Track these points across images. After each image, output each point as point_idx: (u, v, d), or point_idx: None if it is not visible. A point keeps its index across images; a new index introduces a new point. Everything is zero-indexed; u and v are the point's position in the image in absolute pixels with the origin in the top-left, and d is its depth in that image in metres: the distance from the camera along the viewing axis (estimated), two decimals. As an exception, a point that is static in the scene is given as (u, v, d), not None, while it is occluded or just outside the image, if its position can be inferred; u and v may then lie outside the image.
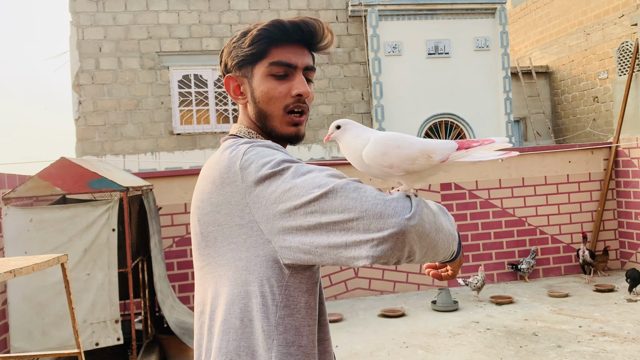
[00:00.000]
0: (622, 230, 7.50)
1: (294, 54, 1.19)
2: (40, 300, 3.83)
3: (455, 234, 1.10)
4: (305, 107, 1.20)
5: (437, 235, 0.99)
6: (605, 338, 4.85)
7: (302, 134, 1.22)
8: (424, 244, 0.96)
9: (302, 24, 1.17)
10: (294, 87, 1.18)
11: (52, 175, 3.92)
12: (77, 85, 8.42)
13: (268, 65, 1.18)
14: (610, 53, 10.09)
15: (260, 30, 1.17)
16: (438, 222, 1.01)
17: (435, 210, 1.03)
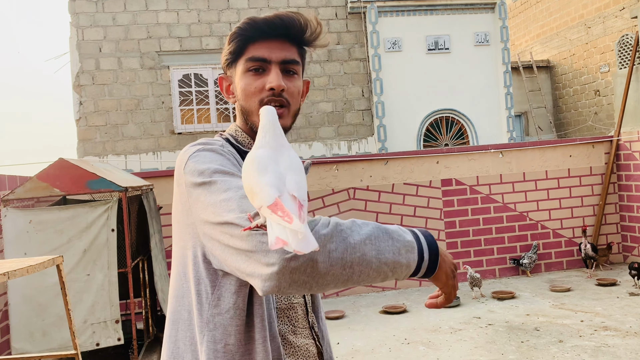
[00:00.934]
0: (624, 224, 7.47)
1: (270, 48, 1.20)
2: (41, 301, 3.85)
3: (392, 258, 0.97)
4: (282, 100, 1.19)
5: (347, 268, 0.94)
6: (607, 332, 4.84)
7: (283, 127, 1.17)
8: (329, 275, 0.93)
9: (275, 19, 1.18)
10: (267, 81, 1.19)
11: (50, 177, 3.93)
12: (77, 85, 8.43)
13: (245, 61, 1.21)
14: (611, 46, 10.05)
15: (236, 29, 1.20)
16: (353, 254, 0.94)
17: (353, 242, 0.95)
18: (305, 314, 1.24)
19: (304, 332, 1.22)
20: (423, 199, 7.03)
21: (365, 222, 1.00)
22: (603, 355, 4.30)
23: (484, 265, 7.17)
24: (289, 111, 1.22)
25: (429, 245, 1.02)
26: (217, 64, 8.70)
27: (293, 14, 1.19)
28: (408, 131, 8.97)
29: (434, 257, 1.02)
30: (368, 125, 9.01)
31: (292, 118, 1.24)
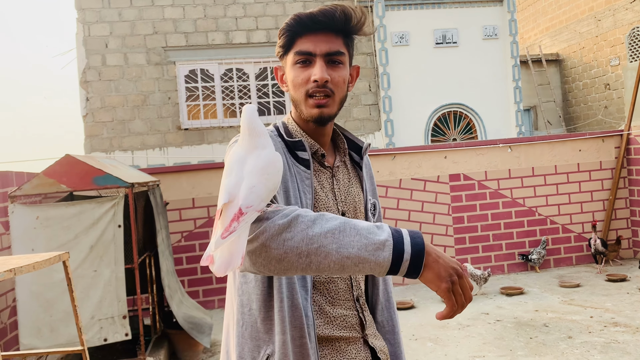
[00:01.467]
0: (635, 219, 7.40)
1: (314, 42, 1.29)
2: (48, 297, 3.85)
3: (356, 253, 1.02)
4: (326, 91, 1.29)
5: (303, 257, 1.03)
6: (617, 328, 4.79)
7: (325, 116, 1.31)
8: (285, 262, 1.03)
9: (318, 14, 1.27)
10: (312, 74, 1.28)
11: (57, 173, 3.92)
12: (84, 81, 8.44)
13: (293, 55, 1.31)
14: (621, 39, 9.93)
15: (284, 25, 1.31)
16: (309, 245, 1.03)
17: (312, 234, 1.03)
18: (350, 287, 1.36)
19: (346, 304, 1.34)
20: (431, 194, 6.99)
21: (334, 217, 1.06)
22: (613, 352, 4.26)
23: (492, 260, 7.13)
24: (334, 100, 1.32)
25: (413, 245, 1.04)
26: (224, 59, 8.69)
27: (335, 7, 1.28)
28: (415, 126, 8.91)
29: (417, 257, 1.03)
30: (375, 120, 8.96)
31: (338, 105, 1.33)
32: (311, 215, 1.06)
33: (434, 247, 1.07)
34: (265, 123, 7.42)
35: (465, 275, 1.07)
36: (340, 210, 1.38)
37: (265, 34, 8.76)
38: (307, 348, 1.22)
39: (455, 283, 1.04)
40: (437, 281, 1.04)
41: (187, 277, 6.45)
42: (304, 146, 1.33)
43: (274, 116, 8.77)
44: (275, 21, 8.78)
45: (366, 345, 1.36)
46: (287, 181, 1.27)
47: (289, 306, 1.22)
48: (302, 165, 1.32)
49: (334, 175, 1.40)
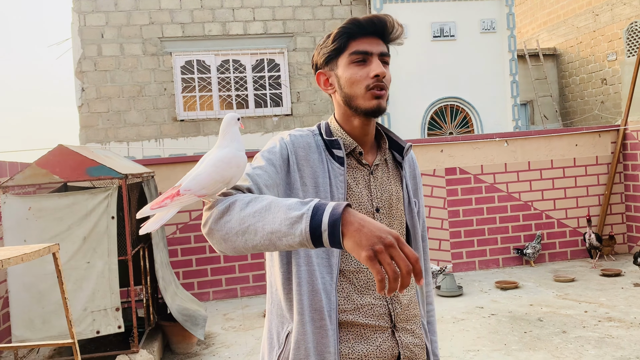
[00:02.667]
0: (630, 214, 7.41)
1: (369, 43, 1.42)
2: (40, 288, 3.83)
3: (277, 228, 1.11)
4: (384, 85, 1.42)
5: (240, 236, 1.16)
6: (611, 323, 4.80)
7: (383, 107, 1.43)
8: (230, 241, 1.18)
9: (374, 19, 1.41)
10: (372, 70, 1.40)
11: (50, 163, 3.89)
12: (79, 72, 8.38)
13: (349, 55, 1.43)
14: (619, 34, 9.91)
15: (340, 28, 1.43)
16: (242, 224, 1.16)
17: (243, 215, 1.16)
18: None
19: (375, 294, 1.41)
20: (427, 187, 6.98)
21: (266, 198, 1.17)
22: (607, 346, 4.27)
23: (487, 254, 7.13)
24: (386, 95, 1.44)
25: (330, 216, 1.07)
26: (220, 50, 8.63)
27: (385, 16, 1.43)
28: (412, 119, 8.89)
29: (333, 227, 1.06)
30: (372, 113, 8.94)
31: (386, 100, 1.46)
32: (247, 198, 1.19)
33: (362, 217, 1.06)
34: (262, 115, 7.35)
35: (402, 245, 1.03)
36: (375, 206, 1.47)
37: (262, 25, 8.70)
38: (327, 329, 1.35)
39: (380, 252, 1.01)
40: (357, 249, 1.03)
41: (181, 269, 6.44)
42: (340, 145, 1.46)
43: (270, 108, 8.72)
44: (272, 12, 8.73)
45: (394, 337, 1.42)
46: (317, 177, 1.42)
47: (308, 290, 1.36)
48: (337, 162, 1.45)
49: (372, 173, 1.50)
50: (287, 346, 1.38)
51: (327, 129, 1.50)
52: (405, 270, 1.01)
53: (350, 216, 1.07)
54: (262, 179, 1.33)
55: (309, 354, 1.34)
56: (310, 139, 1.47)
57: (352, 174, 1.47)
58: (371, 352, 1.39)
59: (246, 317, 5.75)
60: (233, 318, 5.75)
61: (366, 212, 1.45)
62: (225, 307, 6.19)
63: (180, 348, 4.77)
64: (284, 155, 1.41)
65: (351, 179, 1.46)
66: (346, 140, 1.48)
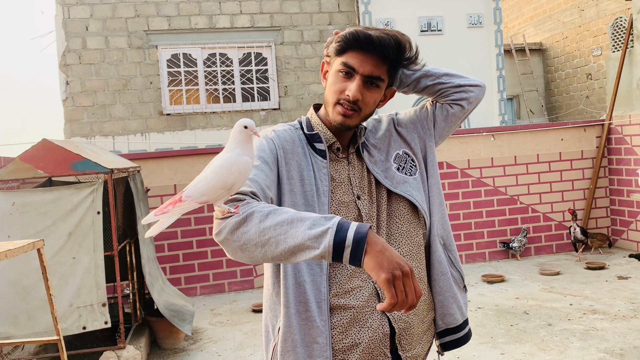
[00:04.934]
0: (614, 207, 7.49)
1: (362, 61, 1.40)
2: (25, 284, 3.78)
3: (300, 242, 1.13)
4: (354, 107, 1.42)
5: (259, 247, 1.18)
6: (595, 316, 4.86)
7: (347, 125, 1.44)
8: (247, 250, 1.19)
9: (375, 37, 1.38)
10: (347, 88, 1.41)
11: (34, 158, 3.84)
12: (63, 65, 8.27)
13: (340, 63, 1.43)
14: (604, 29, 9.98)
15: (344, 33, 1.42)
16: (262, 236, 1.17)
17: (263, 227, 1.17)
18: None
19: (362, 276, 1.44)
20: (414, 182, 6.99)
21: (287, 211, 1.18)
22: (591, 339, 4.32)
23: (474, 248, 7.18)
24: (359, 115, 1.45)
25: (356, 234, 1.10)
26: (207, 43, 8.56)
27: (391, 38, 1.39)
28: (399, 114, 8.89)
29: (358, 245, 1.10)
30: (359, 108, 8.93)
31: (361, 119, 1.47)
32: (266, 210, 1.19)
33: (384, 242, 1.12)
34: (249, 109, 7.30)
35: (414, 278, 1.10)
36: (356, 194, 1.50)
37: (249, 18, 8.65)
38: (313, 321, 1.38)
39: (397, 277, 1.08)
40: (377, 269, 1.08)
41: (168, 264, 6.40)
42: (321, 138, 1.49)
43: (258, 102, 8.68)
44: (259, 5, 8.67)
45: (384, 314, 1.45)
46: (302, 170, 1.44)
47: (293, 283, 1.39)
48: (319, 156, 1.48)
49: (349, 163, 1.53)
50: (278, 339, 1.42)
51: (307, 124, 1.53)
52: (410, 302, 1.09)
53: (375, 237, 1.12)
54: (261, 179, 1.35)
55: (296, 346, 1.38)
56: (293, 133, 1.50)
57: (334, 166, 1.51)
58: (364, 334, 1.42)
59: (234, 312, 5.73)
60: (221, 313, 5.74)
61: (349, 201, 1.48)
62: (212, 302, 6.17)
63: (168, 343, 4.75)
64: (273, 151, 1.43)
65: (333, 171, 1.50)
66: (326, 134, 1.51)
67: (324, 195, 1.44)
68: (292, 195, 1.42)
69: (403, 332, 1.48)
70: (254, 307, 5.72)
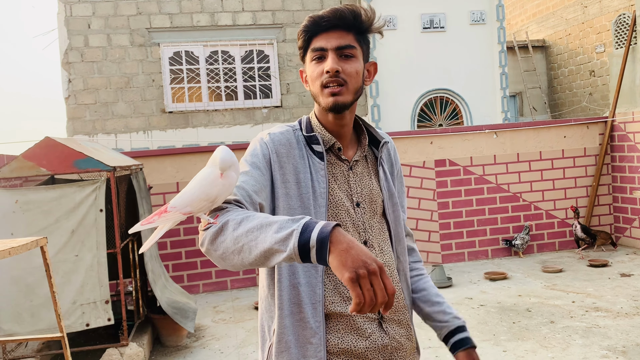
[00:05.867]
0: (617, 205, 7.47)
1: (327, 39, 1.42)
2: (29, 282, 3.80)
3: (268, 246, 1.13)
4: (339, 80, 1.41)
5: (236, 255, 1.18)
6: (598, 313, 4.85)
7: (340, 103, 1.42)
8: (228, 259, 1.20)
9: (330, 12, 1.41)
10: (325, 66, 1.41)
11: (37, 156, 3.84)
12: (66, 63, 8.27)
13: (309, 53, 1.45)
14: (607, 26, 9.95)
15: (301, 26, 1.45)
16: (237, 244, 1.18)
17: (236, 235, 1.18)
18: None
19: None
20: (416, 179, 7.00)
21: (258, 216, 1.19)
22: (594, 336, 4.31)
23: (476, 246, 7.17)
24: (347, 89, 1.43)
25: (319, 234, 1.08)
26: (209, 41, 8.56)
27: (346, 7, 1.42)
28: (402, 111, 8.88)
29: (321, 245, 1.08)
30: (362, 105, 8.92)
31: (352, 95, 1.45)
32: (239, 217, 1.20)
33: (351, 239, 1.08)
34: (251, 107, 7.29)
35: (383, 275, 1.05)
36: (355, 201, 1.49)
37: (251, 15, 8.64)
38: (307, 322, 1.38)
39: (361, 276, 1.03)
40: (341, 268, 1.05)
41: (171, 262, 6.41)
42: (318, 140, 1.47)
43: (260, 99, 8.68)
44: (262, 3, 8.66)
45: (381, 327, 1.45)
46: (299, 172, 1.43)
47: (288, 285, 1.39)
48: (317, 157, 1.46)
49: (351, 168, 1.51)
50: (273, 339, 1.43)
51: (307, 125, 1.52)
52: (380, 300, 1.03)
53: (340, 236, 1.08)
54: (249, 185, 1.35)
55: (290, 346, 1.39)
56: (290, 135, 1.49)
57: (332, 170, 1.49)
58: (361, 342, 1.41)
59: (236, 310, 5.74)
60: (223, 310, 5.75)
61: (347, 207, 1.47)
62: (215, 300, 6.18)
63: (170, 341, 4.76)
64: (266, 155, 1.43)
65: (331, 175, 1.49)
66: (325, 136, 1.49)
67: (322, 197, 1.43)
68: (288, 199, 1.41)
69: (394, 351, 1.48)
70: (257, 304, 5.73)
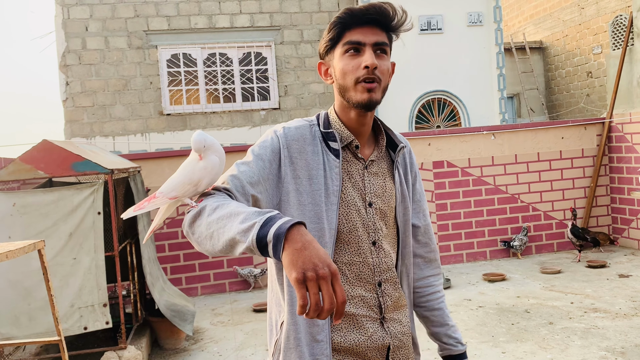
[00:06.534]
0: (615, 206, 7.48)
1: (363, 33, 1.39)
2: (26, 285, 3.79)
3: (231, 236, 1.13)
4: (374, 77, 1.39)
5: (208, 240, 1.20)
6: (596, 314, 4.85)
7: (374, 100, 1.40)
8: (203, 243, 1.22)
9: (370, 7, 1.38)
10: (363, 61, 1.38)
11: (34, 159, 3.84)
12: (63, 65, 8.27)
13: (342, 45, 1.42)
14: (604, 27, 9.97)
15: (335, 18, 1.42)
16: (208, 229, 1.20)
17: (209, 220, 1.20)
18: (372, 272, 1.46)
19: (366, 287, 1.45)
20: (414, 181, 6.99)
21: (230, 204, 1.20)
22: (592, 337, 4.31)
23: (474, 247, 7.18)
24: (380, 86, 1.42)
25: (277, 229, 1.06)
26: (206, 43, 8.56)
27: (384, 4, 1.40)
28: (400, 113, 8.89)
29: (276, 241, 1.05)
30: (359, 107, 8.93)
31: (382, 93, 1.43)
32: (215, 204, 1.22)
33: (309, 240, 1.03)
34: (249, 109, 7.28)
35: (335, 281, 0.99)
36: (368, 201, 1.47)
37: (249, 17, 8.64)
38: (315, 319, 1.37)
39: (309, 278, 0.98)
40: (290, 267, 1.00)
41: (169, 265, 6.40)
42: (335, 137, 1.46)
43: (258, 102, 8.68)
44: (259, 5, 8.67)
45: (383, 327, 1.46)
46: (311, 169, 1.42)
47: None
48: (333, 154, 1.44)
49: (366, 167, 1.49)
50: (281, 334, 1.42)
51: (325, 120, 1.50)
52: (327, 306, 0.97)
53: (297, 235, 1.04)
54: (245, 176, 1.34)
55: (299, 344, 1.39)
56: (306, 130, 1.47)
57: (347, 167, 1.47)
58: (363, 341, 1.43)
59: (235, 312, 5.73)
60: (222, 313, 5.74)
61: (358, 206, 1.45)
62: (213, 302, 6.17)
63: (169, 344, 4.75)
64: (275, 148, 1.41)
65: (346, 172, 1.46)
66: (343, 133, 1.47)
67: (334, 195, 1.41)
68: (299, 195, 1.40)
69: (397, 350, 1.49)
70: (255, 306, 5.72)
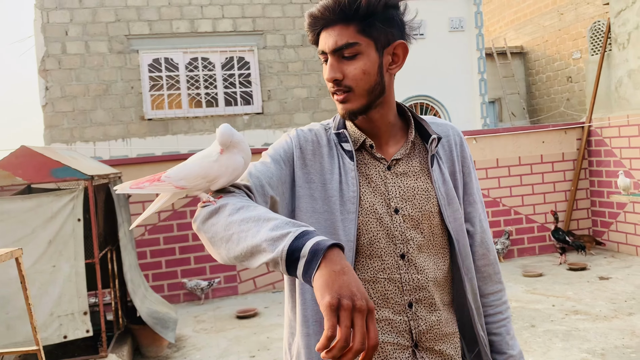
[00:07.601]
0: (595, 209, 7.58)
1: (325, 39, 1.23)
2: (4, 294, 3.72)
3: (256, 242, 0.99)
4: (341, 88, 1.23)
5: (224, 243, 1.06)
6: (577, 316, 4.90)
7: (349, 110, 1.25)
8: (216, 244, 1.08)
9: (315, 10, 1.22)
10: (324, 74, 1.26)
11: (12, 165, 3.77)
12: (43, 70, 8.16)
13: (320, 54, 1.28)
14: (583, 33, 10.13)
15: (304, 24, 1.28)
16: (227, 230, 1.06)
17: (230, 220, 1.06)
18: (401, 291, 1.27)
19: (395, 308, 1.26)
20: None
21: (257, 207, 1.07)
22: (574, 339, 4.36)
23: (457, 251, 7.20)
24: (355, 94, 1.24)
25: (315, 245, 0.92)
26: (188, 48, 8.51)
27: None
28: (383, 117, 8.92)
29: (313, 257, 0.92)
30: (343, 111, 8.94)
31: (364, 98, 1.25)
32: (240, 204, 1.09)
33: (348, 266, 0.91)
34: (232, 114, 7.26)
35: (370, 319, 0.86)
36: (393, 207, 1.28)
37: (231, 22, 8.62)
38: None
39: (344, 307, 0.84)
40: (324, 289, 0.87)
41: (151, 272, 6.33)
42: (347, 137, 1.31)
43: (241, 106, 8.65)
44: (242, 10, 8.65)
45: (415, 357, 1.26)
46: (325, 173, 1.29)
47: (310, 300, 1.24)
48: (347, 157, 1.29)
49: (389, 168, 1.31)
50: (295, 357, 1.29)
51: (339, 121, 1.35)
52: (357, 346, 0.83)
53: (338, 257, 0.91)
54: (265, 176, 1.22)
55: None
56: (320, 132, 1.34)
57: (365, 171, 1.30)
58: None
59: (217, 319, 5.69)
60: (204, 320, 5.69)
61: (380, 215, 1.27)
62: (196, 309, 6.12)
63: (151, 351, 4.70)
64: (288, 151, 1.30)
65: (363, 177, 1.30)
66: (354, 133, 1.32)
67: (350, 202, 1.25)
68: (312, 201, 1.27)
69: None
70: (239, 313, 5.68)
